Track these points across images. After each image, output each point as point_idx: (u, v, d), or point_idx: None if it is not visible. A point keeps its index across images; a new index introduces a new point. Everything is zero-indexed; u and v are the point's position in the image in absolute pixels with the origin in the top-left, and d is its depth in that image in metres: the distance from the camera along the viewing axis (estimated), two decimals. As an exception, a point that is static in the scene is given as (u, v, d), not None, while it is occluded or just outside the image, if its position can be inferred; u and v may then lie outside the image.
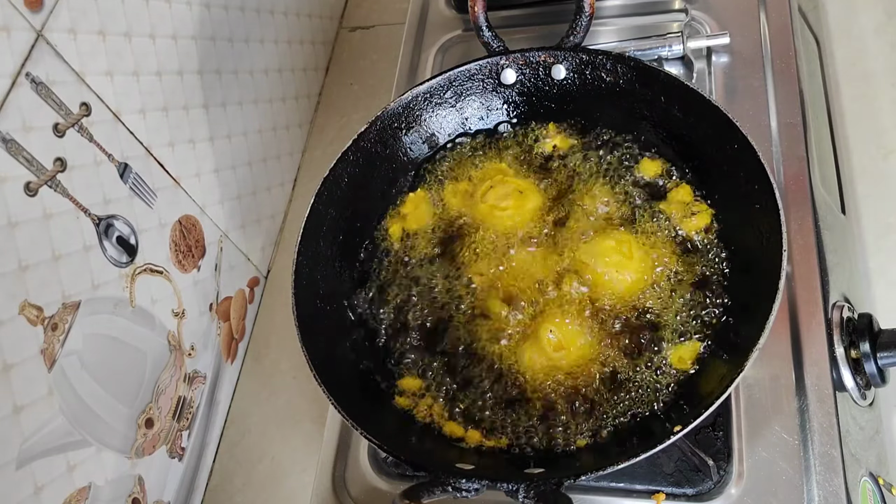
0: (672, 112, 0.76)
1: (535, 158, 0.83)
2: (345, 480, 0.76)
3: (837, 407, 0.68)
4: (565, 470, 0.63)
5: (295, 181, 1.19)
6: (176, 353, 0.88)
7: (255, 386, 1.03)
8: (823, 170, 0.84)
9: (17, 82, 0.66)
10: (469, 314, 0.74)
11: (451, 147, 0.86)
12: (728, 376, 0.60)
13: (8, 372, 0.65)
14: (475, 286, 0.75)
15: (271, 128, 1.11)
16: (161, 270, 0.86)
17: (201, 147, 0.94)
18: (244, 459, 0.97)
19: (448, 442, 0.69)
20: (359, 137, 0.79)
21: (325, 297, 0.75)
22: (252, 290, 1.08)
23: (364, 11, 1.36)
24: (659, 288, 0.71)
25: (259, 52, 1.07)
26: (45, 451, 0.69)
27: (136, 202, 0.81)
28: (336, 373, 0.69)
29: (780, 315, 0.71)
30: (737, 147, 0.70)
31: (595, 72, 0.80)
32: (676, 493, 0.67)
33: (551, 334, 0.70)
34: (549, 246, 0.76)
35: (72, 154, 0.72)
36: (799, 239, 0.75)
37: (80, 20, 0.73)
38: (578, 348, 0.70)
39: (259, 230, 1.09)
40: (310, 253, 0.74)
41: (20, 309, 0.66)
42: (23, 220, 0.67)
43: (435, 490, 0.58)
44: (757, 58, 0.88)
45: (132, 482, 0.81)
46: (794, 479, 0.65)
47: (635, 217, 0.75)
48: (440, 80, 0.83)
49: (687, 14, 0.93)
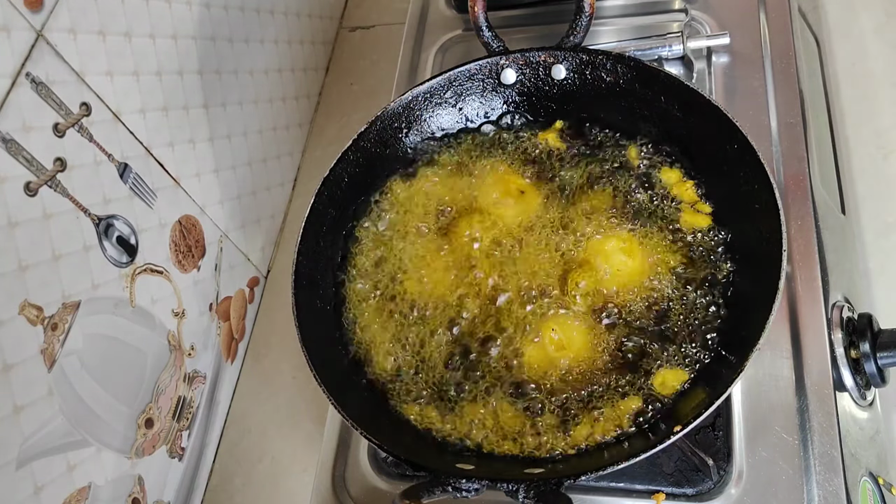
0: (672, 112, 0.76)
1: (536, 158, 0.83)
2: (345, 480, 0.76)
3: (837, 407, 0.68)
4: (565, 470, 0.63)
5: (295, 181, 1.19)
6: (176, 353, 0.88)
7: (255, 386, 1.03)
8: (823, 170, 0.84)
9: (17, 82, 0.66)
10: (468, 314, 0.74)
11: (452, 147, 0.86)
12: (728, 376, 0.60)
13: (8, 372, 0.65)
14: (473, 285, 0.75)
15: (271, 128, 1.11)
16: (161, 270, 0.86)
17: (201, 147, 0.94)
18: (244, 459, 0.97)
19: (448, 442, 0.69)
20: (359, 137, 0.79)
21: (325, 297, 0.75)
22: (252, 290, 1.08)
23: (364, 11, 1.36)
24: (659, 288, 0.71)
25: (259, 52, 1.07)
26: (45, 451, 0.68)
27: (136, 202, 0.81)
28: (336, 373, 0.69)
29: (780, 315, 0.71)
30: (737, 147, 0.70)
31: (595, 72, 0.80)
32: (676, 493, 0.67)
33: (554, 333, 0.70)
34: (549, 245, 0.76)
35: (72, 154, 0.72)
36: (799, 239, 0.75)
37: (80, 20, 0.73)
38: (579, 348, 0.70)
39: (259, 230, 1.09)
40: (310, 253, 0.74)
41: (20, 309, 0.66)
42: (23, 220, 0.67)
43: (435, 490, 0.58)
44: (757, 58, 0.88)
45: (132, 482, 0.81)
46: (794, 479, 0.65)
47: (636, 217, 0.75)
48: (440, 80, 0.83)
49: (687, 14, 0.93)
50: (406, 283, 0.77)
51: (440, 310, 0.75)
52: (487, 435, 0.68)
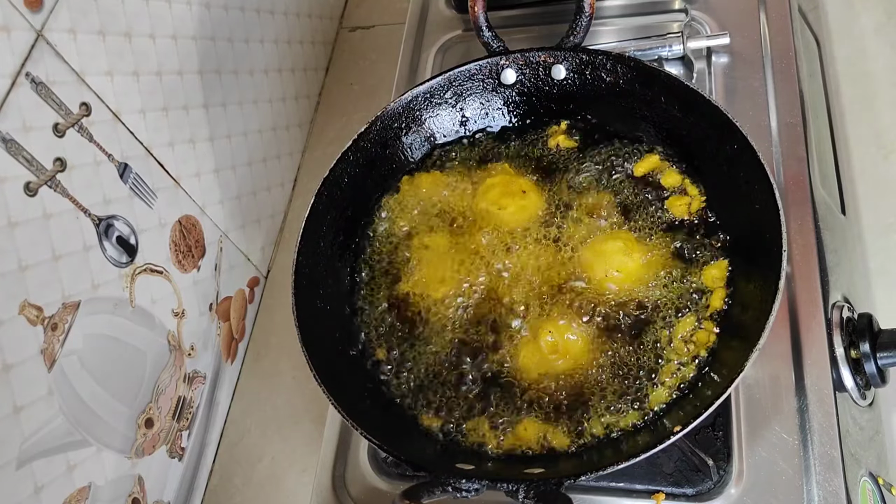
0: (672, 112, 0.76)
1: (536, 158, 0.83)
2: (345, 480, 0.76)
3: (837, 407, 0.68)
4: (565, 470, 0.63)
5: (295, 181, 1.19)
6: (176, 353, 0.88)
7: (255, 386, 1.03)
8: (823, 170, 0.84)
9: (17, 82, 0.66)
10: (468, 314, 0.74)
11: (452, 147, 0.86)
12: (728, 376, 0.60)
13: (8, 372, 0.65)
14: (474, 286, 0.75)
15: (271, 128, 1.11)
16: (161, 270, 0.86)
17: (201, 147, 0.94)
18: (244, 459, 0.97)
19: (447, 442, 0.69)
20: (359, 137, 0.79)
21: (325, 297, 0.75)
22: (252, 290, 1.08)
23: (364, 11, 1.36)
24: (659, 288, 0.71)
25: (259, 52, 1.07)
26: (45, 451, 0.68)
27: (136, 202, 0.81)
28: (336, 373, 0.69)
29: (780, 315, 0.71)
30: (737, 147, 0.70)
31: (595, 72, 0.80)
32: (676, 493, 0.67)
33: (550, 336, 0.70)
34: (549, 246, 0.76)
35: (72, 154, 0.72)
36: (799, 239, 0.75)
37: (80, 20, 0.73)
38: (578, 349, 0.70)
39: (259, 230, 1.09)
40: (310, 253, 0.74)
41: (20, 309, 0.66)
42: (23, 220, 0.67)
43: (435, 490, 0.58)
44: (757, 58, 0.88)
45: (132, 482, 0.81)
46: (794, 479, 0.65)
47: (636, 217, 0.75)
48: (440, 80, 0.83)
49: (687, 14, 0.93)
50: (406, 284, 0.77)
51: (440, 310, 0.75)
52: (485, 435, 0.68)
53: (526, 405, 0.69)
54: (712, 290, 0.70)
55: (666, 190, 0.77)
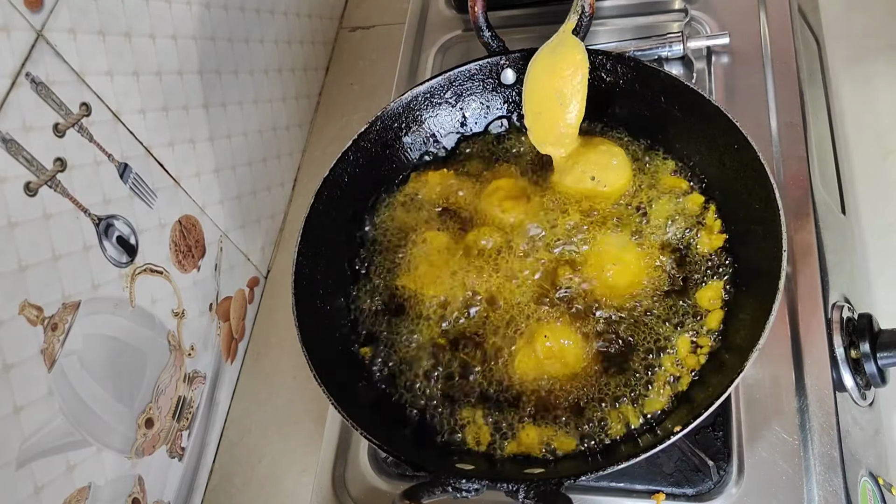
0: (672, 112, 0.76)
1: (535, 159, 0.83)
2: (345, 480, 0.76)
3: (837, 407, 0.68)
4: (565, 470, 0.63)
5: (295, 181, 1.19)
6: (176, 353, 0.88)
7: (255, 386, 1.03)
8: (823, 170, 0.84)
9: (17, 82, 0.66)
10: (467, 315, 0.74)
11: (452, 147, 0.86)
12: (728, 376, 0.60)
13: (8, 372, 0.65)
14: (474, 287, 0.75)
15: (271, 128, 1.11)
16: (161, 270, 0.86)
17: (201, 147, 0.93)
18: (244, 459, 0.97)
19: (448, 442, 0.69)
20: (359, 137, 0.79)
21: (325, 297, 0.75)
22: (252, 290, 1.08)
23: (364, 11, 1.36)
24: (660, 288, 0.71)
25: (259, 52, 1.07)
26: (45, 451, 0.68)
27: (136, 202, 0.81)
28: (336, 373, 0.69)
29: (780, 315, 0.71)
30: (737, 147, 0.70)
31: (595, 72, 0.80)
32: (676, 493, 0.67)
33: (547, 340, 0.69)
34: (549, 246, 0.76)
35: (72, 154, 0.72)
36: (799, 239, 0.75)
37: (80, 20, 0.73)
38: (575, 352, 0.70)
39: (259, 230, 1.09)
40: (310, 253, 0.74)
41: (20, 309, 0.66)
42: (23, 220, 0.67)
43: (435, 490, 0.58)
44: (757, 58, 0.88)
45: (132, 482, 0.81)
46: (794, 479, 0.65)
47: (636, 217, 0.75)
48: (440, 80, 0.83)
49: (687, 14, 0.93)
50: (405, 284, 0.77)
51: (440, 311, 0.75)
52: (484, 436, 0.68)
53: (526, 409, 0.68)
54: (712, 290, 0.70)
55: (665, 191, 0.77)
